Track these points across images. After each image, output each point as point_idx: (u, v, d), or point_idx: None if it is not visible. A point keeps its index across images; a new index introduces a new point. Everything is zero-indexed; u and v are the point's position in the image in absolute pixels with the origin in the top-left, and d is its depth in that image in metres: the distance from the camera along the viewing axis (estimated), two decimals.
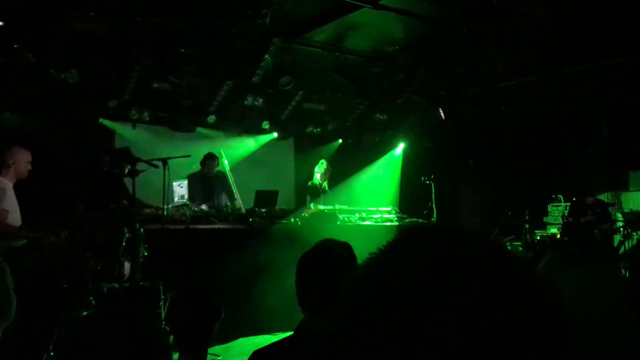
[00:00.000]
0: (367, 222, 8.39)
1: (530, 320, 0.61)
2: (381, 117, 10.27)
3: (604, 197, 9.69)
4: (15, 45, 6.66)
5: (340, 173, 9.68)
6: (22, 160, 5.47)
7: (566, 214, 9.17)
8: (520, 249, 9.00)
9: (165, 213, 6.48)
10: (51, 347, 4.69)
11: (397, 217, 8.71)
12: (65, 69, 7.13)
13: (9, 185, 5.35)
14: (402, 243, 0.69)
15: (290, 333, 2.26)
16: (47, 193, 6.78)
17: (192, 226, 6.74)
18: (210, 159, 8.19)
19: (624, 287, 1.53)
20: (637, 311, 1.45)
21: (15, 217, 5.33)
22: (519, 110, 9.88)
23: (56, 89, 7.37)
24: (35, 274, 5.16)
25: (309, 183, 8.84)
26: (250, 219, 7.41)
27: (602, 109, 9.81)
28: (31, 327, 4.79)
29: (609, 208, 9.15)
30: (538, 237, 9.40)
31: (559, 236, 9.35)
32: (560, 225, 9.41)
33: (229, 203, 8.09)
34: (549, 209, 10.30)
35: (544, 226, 10.12)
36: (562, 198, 9.87)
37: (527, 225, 9.15)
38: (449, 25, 7.29)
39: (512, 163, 10.58)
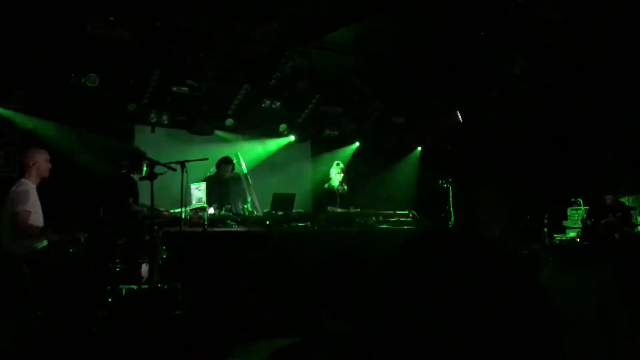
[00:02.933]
0: (384, 226, 8.36)
1: (518, 320, 0.63)
2: (399, 119, 10.24)
3: (624, 200, 9.56)
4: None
5: (357, 176, 9.64)
6: (41, 159, 5.57)
7: (585, 217, 9.06)
8: (539, 253, 8.90)
9: (183, 216, 6.53)
10: (69, 347, 4.74)
11: (415, 220, 8.67)
12: (85, 73, 7.21)
13: (32, 186, 5.44)
14: (412, 249, 0.71)
15: (308, 335, 2.26)
16: (67, 195, 6.87)
17: (209, 229, 6.77)
18: (225, 163, 8.13)
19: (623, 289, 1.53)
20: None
21: (37, 218, 5.42)
22: (538, 113, 9.79)
23: (76, 92, 7.46)
24: (55, 275, 5.23)
25: (325, 185, 8.80)
26: (267, 222, 7.42)
27: (623, 111, 9.68)
28: (49, 327, 4.85)
29: (631, 212, 9.03)
30: (557, 241, 9.30)
31: (578, 240, 9.24)
32: (579, 230, 9.31)
33: (245, 206, 8.11)
34: (568, 213, 10.18)
35: (563, 230, 10.01)
36: (581, 202, 9.75)
37: (546, 229, 9.05)
38: (468, 27, 7.26)
39: (532, 166, 10.47)
